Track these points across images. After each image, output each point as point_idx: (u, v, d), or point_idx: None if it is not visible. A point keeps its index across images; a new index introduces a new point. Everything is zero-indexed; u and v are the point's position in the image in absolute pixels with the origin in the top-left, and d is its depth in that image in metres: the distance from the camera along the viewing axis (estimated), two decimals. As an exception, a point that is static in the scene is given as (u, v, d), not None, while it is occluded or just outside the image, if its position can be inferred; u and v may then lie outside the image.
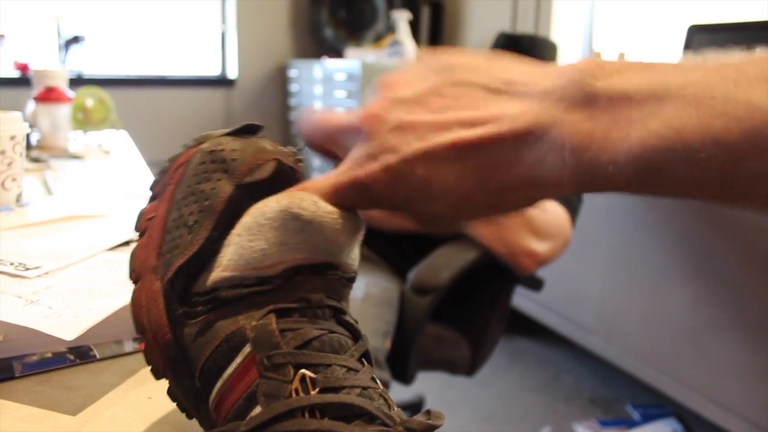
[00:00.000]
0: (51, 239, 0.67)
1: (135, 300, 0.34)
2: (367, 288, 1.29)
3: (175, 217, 0.33)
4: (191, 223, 0.33)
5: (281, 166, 0.34)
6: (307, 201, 0.32)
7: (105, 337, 0.47)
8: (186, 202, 0.33)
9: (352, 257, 0.35)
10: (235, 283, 0.31)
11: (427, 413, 0.29)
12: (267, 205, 0.32)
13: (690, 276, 1.80)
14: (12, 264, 0.57)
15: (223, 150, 0.34)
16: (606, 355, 2.09)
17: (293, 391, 0.28)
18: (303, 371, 0.29)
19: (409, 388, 1.48)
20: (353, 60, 3.02)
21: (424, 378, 1.52)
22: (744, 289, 1.66)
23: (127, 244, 0.66)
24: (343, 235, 0.33)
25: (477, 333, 1.44)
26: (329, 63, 3.14)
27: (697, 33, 1.64)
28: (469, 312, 1.46)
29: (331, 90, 3.07)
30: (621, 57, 2.34)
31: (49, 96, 1.43)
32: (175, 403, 0.35)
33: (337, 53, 3.43)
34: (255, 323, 0.30)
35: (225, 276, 0.32)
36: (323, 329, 0.31)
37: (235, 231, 0.32)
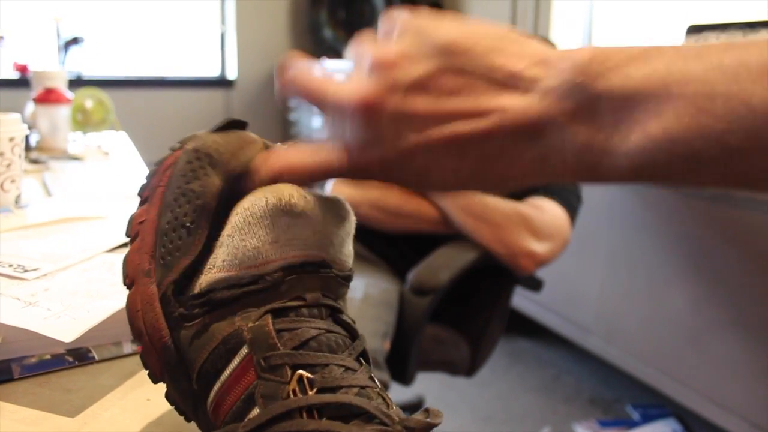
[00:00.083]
0: (50, 241, 0.67)
1: (130, 304, 0.34)
2: (367, 289, 1.29)
3: (170, 219, 0.33)
4: (188, 224, 0.33)
5: (266, 148, 0.34)
6: (296, 195, 0.32)
7: (104, 339, 0.47)
8: (178, 203, 0.33)
9: (345, 253, 0.35)
10: (231, 284, 0.31)
11: (426, 412, 0.29)
12: (255, 204, 0.32)
13: (690, 276, 1.80)
14: (11, 266, 0.57)
15: (207, 145, 0.34)
16: (606, 356, 2.09)
17: (291, 392, 0.28)
18: (300, 372, 0.29)
19: (409, 388, 1.48)
20: (350, 62, 3.02)
21: (423, 379, 1.52)
22: (744, 289, 1.66)
23: (126, 245, 0.66)
24: (335, 227, 0.34)
25: (476, 333, 1.44)
26: (329, 64, 3.14)
27: (697, 33, 1.64)
28: (469, 312, 1.46)
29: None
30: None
31: (49, 97, 1.43)
32: (174, 407, 0.35)
33: (337, 54, 3.43)
34: (251, 324, 0.30)
35: (220, 277, 0.32)
36: (320, 329, 0.31)
37: (226, 231, 0.32)
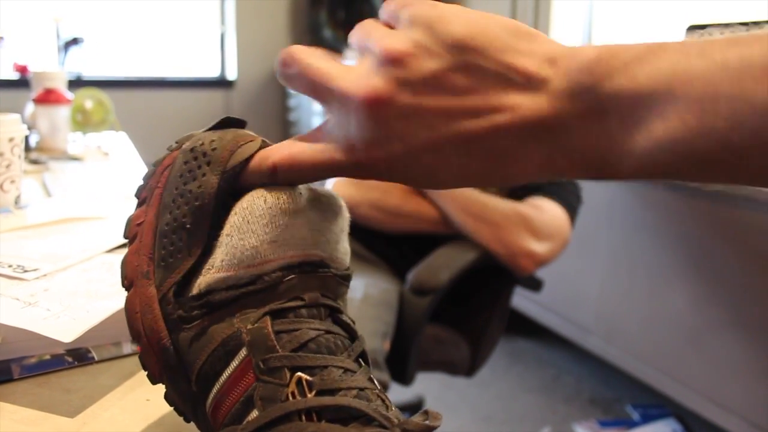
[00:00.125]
0: (49, 241, 0.67)
1: (129, 306, 0.34)
2: (366, 289, 1.29)
3: (169, 221, 0.33)
4: (188, 225, 0.33)
5: (264, 145, 0.34)
6: (294, 194, 0.33)
7: (103, 339, 0.47)
8: (177, 204, 0.33)
9: (342, 250, 0.35)
10: (230, 284, 0.31)
11: (425, 413, 0.29)
12: (253, 203, 0.32)
13: (690, 276, 1.80)
14: (10, 266, 0.57)
15: (203, 144, 0.34)
16: (606, 356, 2.09)
17: (290, 395, 0.28)
18: (299, 374, 0.29)
19: (409, 389, 1.48)
20: (352, 61, 3.02)
21: (423, 379, 1.52)
22: (744, 289, 1.66)
23: (126, 246, 0.66)
24: (330, 224, 0.34)
25: (476, 334, 1.44)
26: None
27: (696, 33, 1.64)
28: (469, 313, 1.46)
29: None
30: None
31: (48, 98, 1.43)
32: (173, 407, 0.35)
33: (337, 54, 3.43)
34: (250, 326, 0.30)
35: (219, 277, 0.32)
36: (319, 330, 0.31)
37: (225, 231, 0.32)
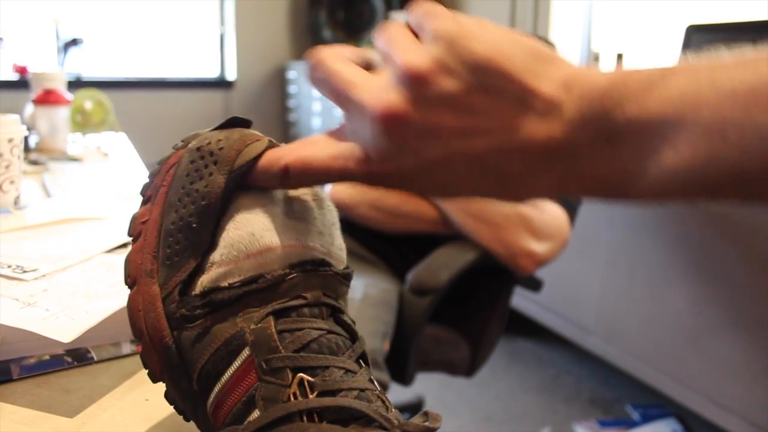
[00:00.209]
0: (49, 242, 0.67)
1: (131, 304, 0.34)
2: (366, 289, 1.29)
3: (174, 220, 0.33)
4: (194, 225, 0.33)
5: (271, 145, 0.34)
6: (290, 192, 0.34)
7: (102, 340, 0.47)
8: (183, 203, 0.33)
9: (338, 246, 0.36)
10: (232, 282, 0.31)
11: (425, 415, 0.29)
12: (250, 199, 0.33)
13: (690, 276, 1.80)
14: (9, 266, 0.57)
15: (210, 143, 0.34)
16: (606, 356, 2.09)
17: (291, 395, 0.28)
18: (301, 375, 0.29)
19: (409, 389, 1.48)
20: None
21: (423, 379, 1.52)
22: (744, 290, 1.66)
23: (125, 246, 0.66)
24: (322, 218, 0.35)
25: (476, 334, 1.44)
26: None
27: (696, 33, 1.64)
28: (469, 313, 1.46)
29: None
30: (620, 58, 2.35)
31: (48, 98, 1.43)
32: (173, 406, 0.34)
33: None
34: (254, 326, 0.30)
35: (220, 272, 0.32)
36: (321, 329, 0.31)
37: (222, 226, 0.33)
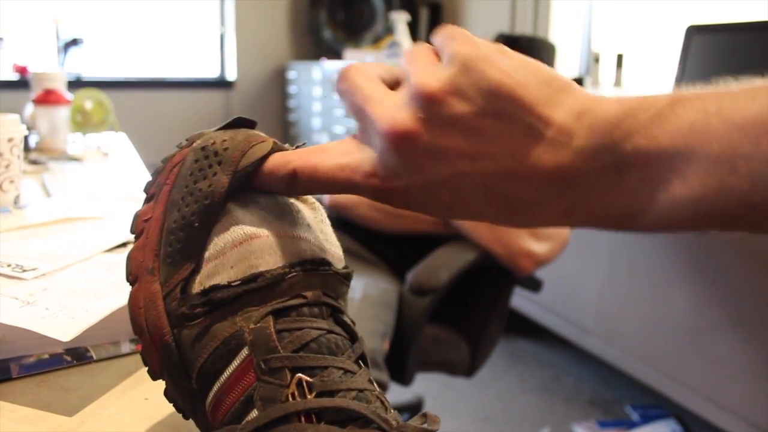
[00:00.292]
0: (48, 241, 0.67)
1: (132, 301, 0.34)
2: (366, 289, 1.29)
3: (177, 218, 0.33)
4: (196, 224, 0.33)
5: (276, 147, 0.34)
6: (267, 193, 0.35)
7: (102, 339, 0.47)
8: (186, 202, 0.33)
9: (333, 243, 0.36)
10: (231, 281, 0.31)
11: (423, 416, 0.29)
12: (241, 197, 0.34)
13: (689, 277, 1.80)
14: (9, 266, 0.57)
15: (215, 143, 0.34)
16: (605, 356, 2.09)
17: (290, 396, 0.28)
18: (299, 375, 0.29)
19: (408, 389, 1.48)
20: (352, 61, 3.02)
21: (423, 379, 1.52)
22: (744, 290, 1.66)
23: (124, 245, 0.66)
24: (306, 211, 0.36)
25: (476, 334, 1.44)
26: (328, 64, 3.14)
27: (696, 33, 1.64)
28: (468, 313, 1.46)
29: (330, 92, 3.08)
30: (620, 58, 2.35)
31: (48, 98, 1.43)
32: (172, 404, 0.34)
33: (336, 55, 3.44)
34: (253, 326, 0.30)
35: (210, 267, 0.32)
36: (321, 329, 0.31)
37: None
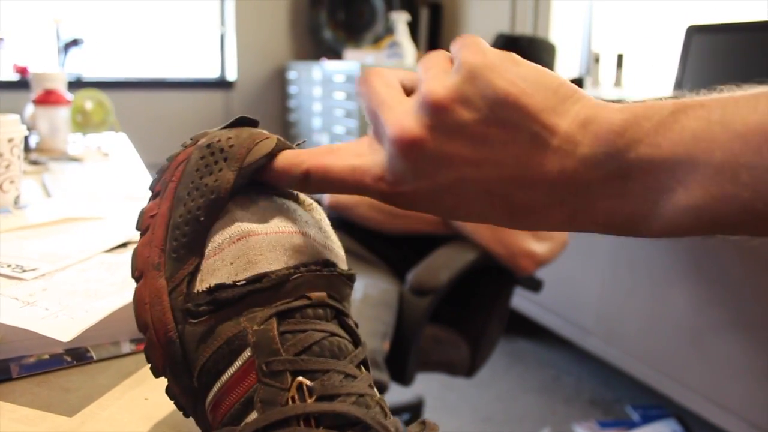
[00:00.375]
0: (48, 241, 0.67)
1: (138, 297, 0.34)
2: (366, 289, 1.29)
3: (182, 213, 0.33)
4: (202, 218, 0.33)
5: (280, 144, 0.34)
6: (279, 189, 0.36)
7: (102, 339, 0.47)
8: (192, 197, 0.33)
9: (335, 242, 0.36)
10: (234, 282, 0.31)
11: (422, 424, 0.29)
12: (242, 194, 0.34)
13: (690, 277, 1.80)
14: (9, 266, 0.57)
15: (220, 141, 0.34)
16: (606, 357, 2.09)
17: (290, 399, 0.28)
18: (300, 379, 0.29)
19: (409, 389, 1.48)
20: (352, 61, 3.03)
21: (423, 379, 1.52)
22: (744, 290, 1.66)
23: (125, 246, 0.66)
24: (302, 209, 0.36)
25: (476, 334, 1.44)
26: (328, 65, 3.14)
27: (696, 33, 1.64)
28: (469, 313, 1.46)
29: (330, 92, 3.08)
30: (620, 58, 2.35)
31: (48, 99, 1.43)
32: (173, 401, 0.34)
33: (336, 55, 3.44)
34: (257, 328, 0.30)
35: (209, 264, 0.32)
36: (325, 332, 0.31)
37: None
